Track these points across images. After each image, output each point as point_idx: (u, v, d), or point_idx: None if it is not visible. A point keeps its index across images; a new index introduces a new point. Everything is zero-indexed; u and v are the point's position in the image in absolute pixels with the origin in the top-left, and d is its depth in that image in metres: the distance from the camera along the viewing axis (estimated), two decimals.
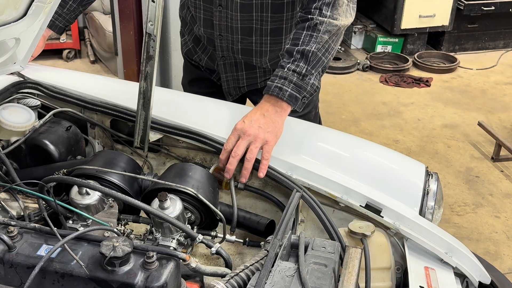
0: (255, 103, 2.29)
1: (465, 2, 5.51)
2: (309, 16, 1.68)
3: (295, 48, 1.66)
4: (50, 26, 2.06)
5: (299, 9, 1.77)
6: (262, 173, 1.57)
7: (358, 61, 5.46)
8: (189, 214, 1.50)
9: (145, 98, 1.65)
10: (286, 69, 1.65)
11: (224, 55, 2.09)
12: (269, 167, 1.58)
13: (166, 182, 1.47)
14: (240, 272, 1.26)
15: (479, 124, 4.25)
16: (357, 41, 5.92)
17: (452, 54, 5.76)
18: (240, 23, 1.95)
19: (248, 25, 1.96)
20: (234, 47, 2.04)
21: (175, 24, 3.71)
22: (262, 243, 1.51)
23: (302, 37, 1.67)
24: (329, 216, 1.51)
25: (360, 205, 1.55)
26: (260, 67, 2.13)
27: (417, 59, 5.56)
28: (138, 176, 1.55)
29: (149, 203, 1.39)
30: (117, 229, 1.35)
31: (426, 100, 4.92)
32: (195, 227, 1.53)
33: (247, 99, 2.33)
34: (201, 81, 2.29)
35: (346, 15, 1.71)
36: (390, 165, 1.76)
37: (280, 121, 1.64)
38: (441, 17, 5.55)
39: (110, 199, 1.44)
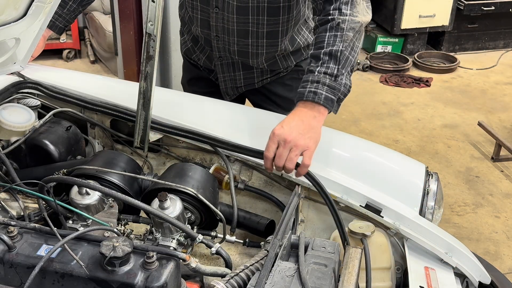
0: (253, 103, 2.30)
1: (465, 2, 5.50)
2: (329, 17, 1.64)
3: (321, 51, 1.62)
4: (50, 27, 2.06)
5: (316, 16, 1.74)
6: (297, 176, 1.54)
7: (358, 61, 5.45)
8: (189, 214, 1.50)
9: (145, 98, 1.65)
10: (316, 73, 1.59)
11: (221, 55, 2.09)
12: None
13: (166, 182, 1.47)
14: (240, 272, 1.26)
15: (479, 124, 4.25)
16: None
17: (452, 54, 5.76)
18: (236, 25, 1.96)
19: (244, 27, 1.96)
20: (230, 48, 2.05)
21: (175, 24, 3.70)
22: (262, 243, 1.51)
23: (326, 39, 1.62)
24: (339, 212, 1.49)
25: (360, 205, 1.55)
26: (257, 68, 2.13)
27: (417, 59, 5.56)
28: (138, 176, 1.55)
29: (149, 203, 1.39)
30: (117, 229, 1.35)
31: (426, 100, 4.92)
32: (195, 227, 1.53)
33: (246, 99, 2.33)
34: (200, 80, 2.29)
35: (363, 13, 1.68)
36: (390, 165, 1.75)
37: (319, 126, 1.58)
38: (441, 17, 5.55)
39: (110, 199, 1.44)
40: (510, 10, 5.65)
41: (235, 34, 1.98)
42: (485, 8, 5.54)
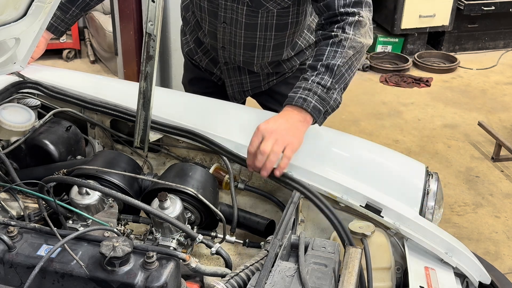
0: (260, 103, 2.30)
1: (465, 2, 5.50)
2: (333, 33, 1.65)
3: (318, 62, 1.62)
4: (52, 31, 2.08)
5: (316, 31, 1.75)
6: (278, 172, 1.51)
7: None
8: (189, 214, 1.50)
9: (145, 98, 1.65)
10: (310, 81, 1.60)
11: (227, 61, 2.11)
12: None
13: (166, 182, 1.47)
14: (240, 272, 1.26)
15: (479, 124, 4.25)
16: None
17: (452, 54, 5.76)
18: (244, 40, 1.98)
19: (251, 42, 1.98)
20: (236, 58, 2.07)
21: (175, 24, 3.70)
22: (262, 243, 1.51)
23: (326, 53, 1.63)
24: (336, 213, 1.46)
25: (360, 205, 1.55)
26: (262, 72, 2.15)
27: (417, 59, 5.56)
28: (138, 176, 1.55)
29: (149, 203, 1.39)
30: (117, 229, 1.35)
31: (426, 100, 4.92)
32: (195, 227, 1.53)
33: (250, 99, 2.33)
34: (201, 80, 2.29)
35: (366, 36, 1.70)
36: (390, 165, 1.76)
37: (303, 130, 1.57)
38: (441, 17, 5.55)
39: (110, 199, 1.44)
40: (510, 10, 5.65)
41: (241, 47, 2.01)
42: (485, 8, 5.54)
